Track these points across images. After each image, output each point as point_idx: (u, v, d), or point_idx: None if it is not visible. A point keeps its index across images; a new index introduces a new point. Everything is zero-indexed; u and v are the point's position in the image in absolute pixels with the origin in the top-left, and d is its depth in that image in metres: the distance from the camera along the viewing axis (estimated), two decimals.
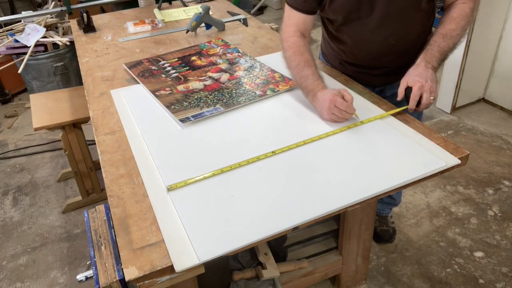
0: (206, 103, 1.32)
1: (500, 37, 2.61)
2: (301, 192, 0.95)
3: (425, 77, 1.13)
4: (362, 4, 1.21)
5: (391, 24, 1.25)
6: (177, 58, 1.65)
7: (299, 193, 0.95)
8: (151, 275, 0.79)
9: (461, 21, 1.21)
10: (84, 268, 1.81)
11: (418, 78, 1.13)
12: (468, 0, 1.23)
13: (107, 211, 1.06)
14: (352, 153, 1.07)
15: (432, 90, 1.13)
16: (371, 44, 1.31)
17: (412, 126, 1.16)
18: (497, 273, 1.68)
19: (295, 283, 1.42)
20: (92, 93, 1.45)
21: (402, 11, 1.22)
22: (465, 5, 1.23)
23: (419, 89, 1.12)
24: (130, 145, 1.15)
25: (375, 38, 1.29)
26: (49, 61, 2.80)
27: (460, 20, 1.21)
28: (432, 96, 1.13)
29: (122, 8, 3.03)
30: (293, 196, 0.95)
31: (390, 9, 1.21)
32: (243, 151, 1.09)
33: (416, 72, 1.15)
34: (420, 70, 1.15)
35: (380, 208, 1.83)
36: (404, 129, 1.16)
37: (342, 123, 1.17)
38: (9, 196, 2.28)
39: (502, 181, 2.15)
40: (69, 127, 1.91)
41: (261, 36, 1.85)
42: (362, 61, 1.40)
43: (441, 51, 1.19)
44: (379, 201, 1.76)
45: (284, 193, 0.95)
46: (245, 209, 0.91)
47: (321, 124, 1.19)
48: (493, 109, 2.77)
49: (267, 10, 4.92)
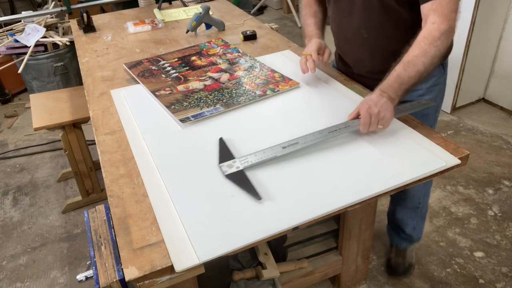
0: (206, 103, 1.32)
1: (500, 37, 2.61)
2: (301, 192, 0.95)
3: (376, 103, 1.07)
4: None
5: (359, 14, 1.22)
6: (177, 58, 1.65)
7: (299, 193, 0.95)
8: (151, 275, 0.79)
9: (424, 46, 1.07)
10: (84, 268, 1.81)
11: (368, 102, 1.09)
12: (440, 21, 1.06)
13: (107, 211, 1.06)
14: (352, 153, 1.07)
15: (380, 117, 1.07)
16: (347, 31, 1.30)
17: (412, 126, 1.16)
18: (497, 273, 1.68)
19: (295, 283, 1.42)
20: (92, 93, 1.45)
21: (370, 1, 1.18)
22: (434, 26, 1.07)
23: (367, 111, 1.07)
24: (130, 145, 1.15)
25: (348, 25, 1.28)
26: (49, 61, 2.80)
27: (424, 45, 1.07)
28: (381, 124, 1.08)
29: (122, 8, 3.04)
30: (293, 196, 0.95)
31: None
32: (243, 151, 1.10)
33: (368, 98, 1.11)
34: (373, 97, 1.10)
35: (397, 241, 1.70)
36: (404, 129, 1.16)
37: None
38: (9, 196, 2.28)
39: (502, 181, 2.15)
40: (69, 127, 1.91)
41: (261, 36, 1.85)
42: (346, 56, 1.41)
43: (400, 80, 1.09)
44: (395, 234, 1.68)
45: (284, 193, 0.95)
46: (245, 209, 0.91)
47: (321, 124, 1.19)
48: (493, 109, 2.77)
49: (267, 10, 4.92)
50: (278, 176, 1.01)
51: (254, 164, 1.02)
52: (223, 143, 1.11)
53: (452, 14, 1.07)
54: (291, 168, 1.03)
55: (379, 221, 1.94)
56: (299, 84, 1.40)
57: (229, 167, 1.02)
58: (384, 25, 1.21)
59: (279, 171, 1.02)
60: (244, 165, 1.02)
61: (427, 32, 1.07)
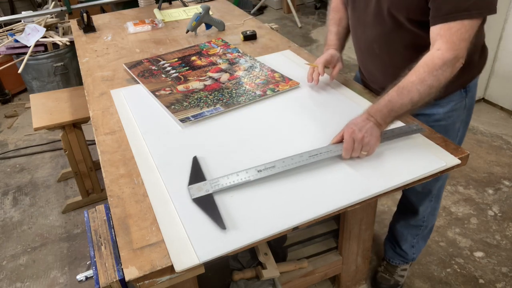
0: (206, 103, 1.32)
1: (500, 37, 2.61)
2: (301, 192, 0.95)
3: (360, 127, 1.01)
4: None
5: (372, 27, 1.15)
6: (177, 58, 1.65)
7: (299, 193, 0.95)
8: (151, 275, 0.79)
9: (423, 73, 0.98)
10: (84, 268, 1.81)
11: (352, 126, 1.02)
12: (446, 48, 0.97)
13: (107, 211, 1.06)
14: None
15: (365, 142, 1.00)
16: (361, 43, 1.25)
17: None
18: (497, 273, 1.68)
19: (295, 283, 1.42)
20: (92, 93, 1.45)
21: (381, 16, 1.10)
22: (438, 53, 0.98)
23: (350, 136, 1.00)
24: (130, 145, 1.15)
25: (363, 38, 1.22)
26: (49, 61, 2.80)
27: (423, 72, 0.98)
28: (365, 150, 1.01)
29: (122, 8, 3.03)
30: (293, 196, 0.95)
31: (375, 11, 1.10)
32: (243, 151, 1.10)
33: (354, 121, 1.04)
34: (358, 120, 1.03)
35: (390, 255, 1.63)
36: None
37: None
38: (9, 196, 2.28)
39: (502, 181, 2.15)
40: (69, 127, 1.91)
41: (261, 36, 1.85)
42: (361, 68, 1.36)
43: (391, 106, 1.01)
44: (390, 247, 1.62)
45: (284, 193, 0.95)
46: (245, 209, 0.91)
47: (321, 124, 1.19)
48: (493, 109, 2.77)
49: (267, 10, 4.92)
50: (278, 175, 1.00)
51: (225, 188, 0.96)
52: (196, 163, 1.05)
53: (461, 43, 0.97)
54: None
55: (379, 221, 1.94)
56: (299, 84, 1.40)
57: (198, 190, 0.95)
58: (396, 43, 1.13)
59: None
60: (214, 189, 0.95)
61: (429, 58, 0.99)
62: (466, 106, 1.25)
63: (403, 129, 1.12)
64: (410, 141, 1.10)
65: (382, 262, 1.68)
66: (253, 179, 0.98)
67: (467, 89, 1.22)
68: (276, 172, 0.99)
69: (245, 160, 1.06)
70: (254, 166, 1.00)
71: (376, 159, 1.05)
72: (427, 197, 1.41)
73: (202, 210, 0.91)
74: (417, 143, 1.09)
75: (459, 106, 1.23)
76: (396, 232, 1.57)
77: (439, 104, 1.21)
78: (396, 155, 1.06)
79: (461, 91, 1.21)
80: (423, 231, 1.53)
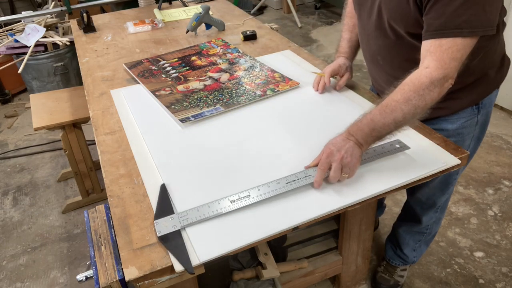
0: (206, 103, 1.32)
1: None
2: (301, 192, 0.95)
3: (339, 147, 0.94)
4: (364, 3, 1.11)
5: (375, 38, 1.12)
6: (177, 58, 1.65)
7: (299, 193, 0.95)
8: (151, 275, 0.79)
9: (408, 92, 0.92)
10: (84, 268, 1.81)
11: (331, 145, 0.96)
12: (434, 67, 0.91)
13: (107, 211, 1.06)
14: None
15: (344, 163, 0.93)
16: (366, 52, 1.23)
17: (412, 126, 1.16)
18: (497, 273, 1.68)
19: (295, 283, 1.42)
20: (92, 93, 1.45)
21: (383, 28, 1.07)
22: (426, 71, 0.91)
23: (327, 157, 0.94)
24: (130, 145, 1.15)
25: (367, 47, 1.20)
26: (49, 61, 2.80)
27: (408, 90, 0.92)
28: (345, 172, 0.94)
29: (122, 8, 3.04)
30: (293, 196, 0.95)
31: (377, 22, 1.07)
32: (243, 151, 1.10)
33: (332, 141, 0.98)
34: (338, 139, 0.97)
35: (391, 256, 1.62)
36: (404, 129, 1.15)
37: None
38: (9, 196, 2.28)
39: (502, 181, 2.15)
40: (69, 127, 1.91)
41: (261, 36, 1.85)
42: (369, 73, 1.33)
43: (373, 126, 0.95)
44: (391, 248, 1.61)
45: (284, 193, 0.95)
46: (245, 209, 0.91)
47: (321, 124, 1.19)
48: (493, 109, 2.76)
49: (267, 10, 4.92)
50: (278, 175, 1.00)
51: (195, 222, 0.87)
52: (164, 192, 0.96)
53: (452, 62, 0.90)
54: (291, 168, 1.02)
55: (380, 221, 1.94)
56: (299, 84, 1.40)
57: (164, 226, 0.86)
58: (399, 56, 1.09)
59: (278, 169, 1.02)
60: (183, 224, 0.87)
61: (416, 76, 0.93)
62: (479, 123, 1.18)
63: (385, 148, 1.05)
64: (410, 141, 1.10)
65: (382, 262, 1.68)
66: (225, 212, 0.89)
67: (480, 105, 1.15)
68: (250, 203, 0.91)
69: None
70: (226, 196, 0.93)
71: (376, 159, 1.04)
72: (431, 208, 1.39)
73: (167, 249, 0.82)
74: (417, 143, 1.09)
75: (470, 124, 1.16)
76: (399, 235, 1.57)
77: (449, 120, 1.16)
78: (396, 155, 1.06)
79: (472, 108, 1.14)
80: (426, 237, 1.52)
